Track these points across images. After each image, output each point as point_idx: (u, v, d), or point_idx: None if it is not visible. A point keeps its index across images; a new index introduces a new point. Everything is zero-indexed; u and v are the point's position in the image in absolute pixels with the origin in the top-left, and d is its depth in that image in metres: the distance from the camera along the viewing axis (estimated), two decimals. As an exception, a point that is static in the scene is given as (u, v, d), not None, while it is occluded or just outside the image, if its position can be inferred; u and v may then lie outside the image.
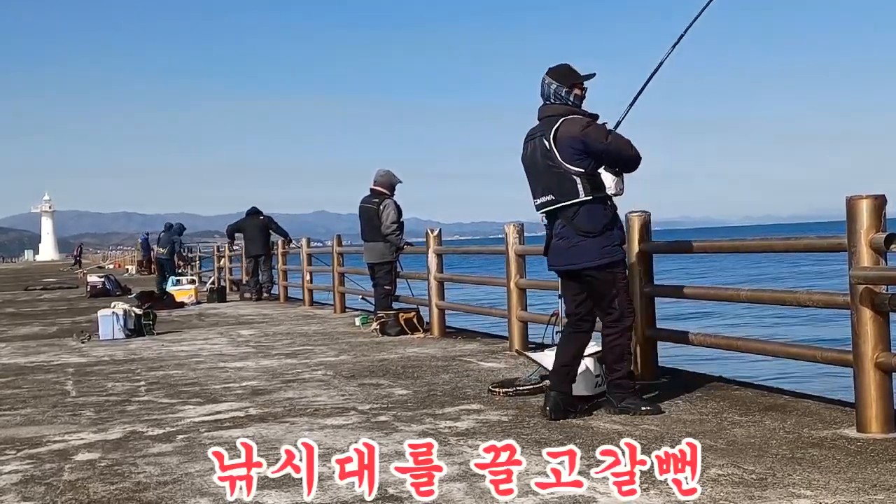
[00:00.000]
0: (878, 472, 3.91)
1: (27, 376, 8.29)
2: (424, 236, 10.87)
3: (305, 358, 8.84)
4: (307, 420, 5.61)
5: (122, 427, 5.63)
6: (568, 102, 5.34)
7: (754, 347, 6.08)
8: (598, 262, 5.25)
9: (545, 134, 5.26)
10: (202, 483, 4.18)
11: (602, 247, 5.24)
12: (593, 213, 5.22)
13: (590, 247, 5.23)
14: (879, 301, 4.60)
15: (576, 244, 5.26)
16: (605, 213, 5.27)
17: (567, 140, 5.18)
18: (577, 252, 5.27)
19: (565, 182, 5.21)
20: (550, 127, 5.25)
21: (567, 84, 5.35)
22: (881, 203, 4.64)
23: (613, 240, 5.30)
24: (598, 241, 5.23)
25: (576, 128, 5.20)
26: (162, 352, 9.96)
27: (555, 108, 5.33)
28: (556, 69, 5.40)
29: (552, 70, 5.39)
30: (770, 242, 5.90)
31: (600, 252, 5.24)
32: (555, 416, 5.25)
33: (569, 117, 5.25)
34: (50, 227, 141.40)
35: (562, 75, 5.37)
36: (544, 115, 5.38)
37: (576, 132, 5.18)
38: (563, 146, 5.18)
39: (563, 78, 5.36)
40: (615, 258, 5.31)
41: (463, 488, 3.89)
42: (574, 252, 5.28)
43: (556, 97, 5.34)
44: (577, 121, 5.24)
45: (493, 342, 9.64)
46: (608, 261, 5.27)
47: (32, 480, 4.38)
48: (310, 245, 17.68)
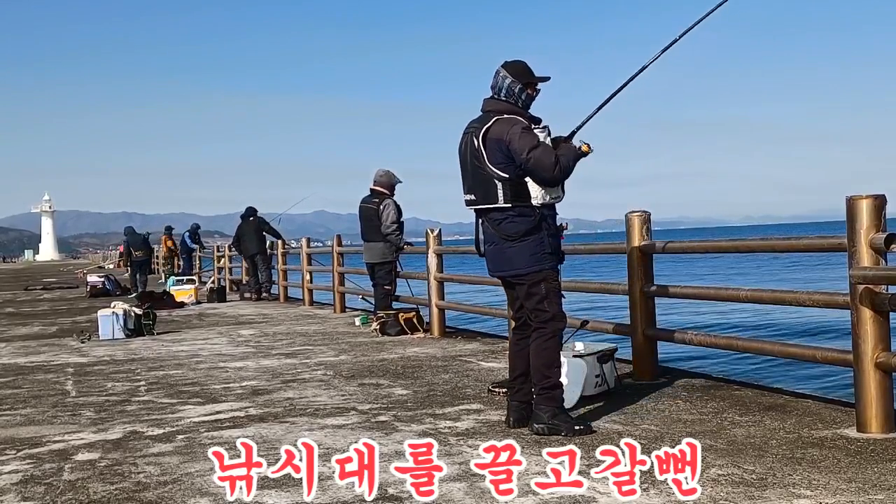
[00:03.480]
0: (878, 472, 3.91)
1: (27, 376, 8.29)
2: (424, 236, 10.88)
3: (305, 358, 8.84)
4: (307, 420, 5.61)
5: (122, 427, 5.63)
6: (517, 101, 5.11)
7: (754, 347, 6.08)
8: (527, 270, 5.07)
9: (476, 131, 5.04)
10: (202, 483, 4.18)
11: (531, 254, 5.04)
12: (516, 220, 5.02)
13: (518, 253, 5.05)
14: (879, 301, 4.60)
15: (504, 250, 5.10)
16: (527, 221, 5.03)
17: (494, 142, 4.97)
18: (506, 259, 5.10)
19: (488, 185, 5.01)
20: (483, 125, 5.03)
21: (522, 81, 5.11)
22: (881, 203, 4.64)
23: (544, 247, 5.07)
24: (526, 246, 5.03)
25: (505, 130, 4.96)
26: (162, 352, 9.96)
27: (498, 104, 5.10)
28: (514, 64, 5.16)
29: (509, 64, 5.16)
30: (771, 242, 5.90)
31: (529, 259, 5.05)
32: (517, 426, 5.10)
33: (503, 117, 5.02)
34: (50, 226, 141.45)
35: (519, 72, 5.13)
36: (485, 109, 5.16)
37: (503, 135, 4.94)
38: (490, 148, 4.99)
39: (519, 74, 5.12)
40: (543, 266, 5.08)
41: (463, 488, 3.89)
42: (503, 259, 5.12)
43: (508, 92, 5.11)
44: (510, 122, 4.99)
45: (493, 342, 9.64)
46: (537, 268, 5.06)
47: (32, 480, 4.38)
48: (309, 245, 17.71)
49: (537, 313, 5.12)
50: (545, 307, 5.10)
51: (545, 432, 4.92)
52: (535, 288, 5.09)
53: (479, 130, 5.05)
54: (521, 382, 5.23)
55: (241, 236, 19.00)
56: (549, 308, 5.10)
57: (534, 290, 5.10)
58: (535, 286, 5.09)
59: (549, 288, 5.10)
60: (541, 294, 5.09)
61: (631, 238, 6.63)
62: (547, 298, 5.10)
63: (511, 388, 5.29)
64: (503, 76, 5.13)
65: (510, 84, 5.10)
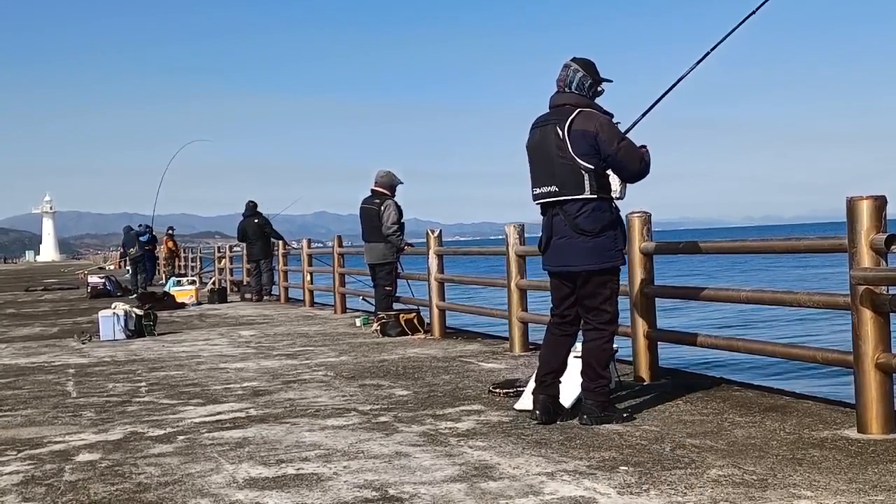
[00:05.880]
0: (878, 473, 3.91)
1: (28, 377, 8.29)
2: (425, 237, 10.88)
3: (306, 359, 8.85)
4: (308, 421, 5.61)
5: (123, 428, 5.63)
6: (588, 95, 5.16)
7: (755, 348, 6.08)
8: (599, 266, 5.10)
9: (560, 123, 5.05)
10: (203, 484, 4.18)
11: (606, 250, 5.08)
12: (596, 214, 5.06)
13: (591, 249, 5.07)
14: (880, 302, 4.60)
15: (576, 244, 5.09)
16: (607, 215, 5.11)
17: (580, 133, 4.99)
18: (578, 253, 5.10)
19: (573, 176, 5.02)
20: (566, 116, 5.03)
21: (593, 76, 5.18)
22: (881, 204, 4.64)
23: (617, 244, 5.14)
24: (599, 242, 5.07)
25: (591, 123, 4.99)
26: (162, 353, 9.96)
27: (573, 98, 5.12)
28: (584, 60, 5.22)
29: (579, 59, 5.21)
30: (772, 243, 5.90)
31: (602, 256, 5.09)
32: (545, 420, 5.15)
33: (586, 110, 5.05)
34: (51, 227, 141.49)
35: (590, 67, 5.19)
36: (560, 102, 5.14)
37: (591, 127, 4.99)
38: (576, 139, 4.99)
39: (591, 69, 5.19)
40: (614, 264, 5.17)
41: (463, 489, 3.89)
42: (574, 253, 5.11)
43: (580, 87, 5.14)
44: (594, 116, 5.04)
45: (493, 343, 9.64)
46: (610, 265, 5.14)
47: (33, 481, 4.38)
48: (310, 246, 17.71)
49: (599, 313, 5.20)
50: (608, 308, 5.20)
51: (598, 423, 5.06)
52: (601, 288, 5.16)
53: (562, 122, 5.05)
54: (552, 378, 5.27)
55: (245, 235, 19.02)
56: (611, 309, 5.21)
57: (600, 290, 5.17)
58: (602, 286, 5.16)
59: (614, 289, 5.22)
60: (605, 294, 5.18)
61: (631, 238, 6.63)
62: (610, 300, 5.20)
63: (542, 382, 5.27)
64: (574, 69, 5.18)
65: (581, 78, 5.17)
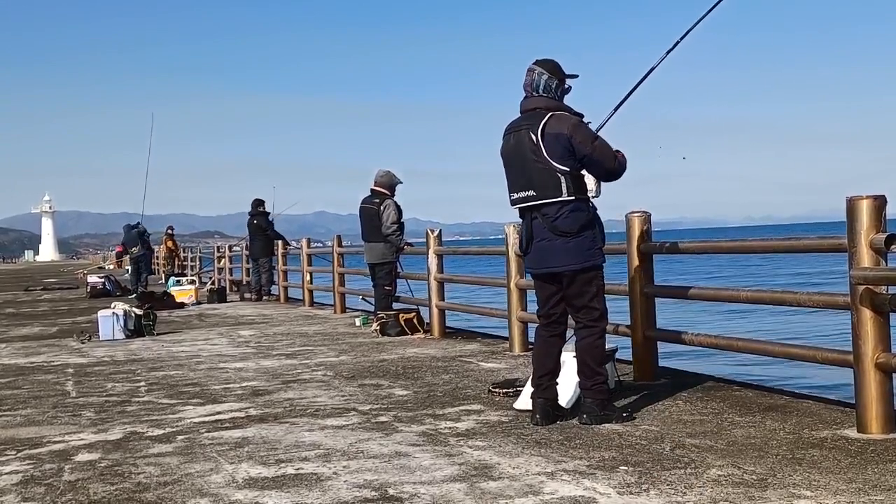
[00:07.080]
0: (878, 473, 3.91)
1: (27, 377, 8.29)
2: (425, 237, 10.87)
3: (305, 358, 8.84)
4: (307, 421, 5.61)
5: (123, 427, 5.63)
6: (555, 96, 5.20)
7: (754, 348, 6.07)
8: (580, 265, 5.13)
9: (532, 127, 5.10)
10: (202, 483, 4.18)
11: (585, 249, 5.12)
12: (574, 214, 5.09)
13: (572, 248, 5.10)
14: (879, 301, 4.60)
15: (556, 246, 5.13)
16: (585, 215, 5.13)
17: (554, 137, 5.03)
18: (558, 254, 5.13)
19: (550, 179, 5.05)
20: (538, 121, 5.06)
21: (558, 77, 5.22)
22: (881, 203, 4.64)
23: (596, 242, 5.17)
24: (579, 242, 5.10)
25: (564, 125, 5.02)
26: (162, 352, 9.96)
27: (542, 101, 5.17)
28: (547, 61, 5.26)
29: (542, 62, 5.25)
30: (771, 243, 5.90)
31: (583, 255, 5.12)
32: (544, 423, 5.15)
33: (557, 113, 5.11)
34: (50, 227, 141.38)
35: (554, 68, 5.24)
36: (531, 107, 5.18)
37: (564, 130, 5.03)
38: (550, 142, 5.03)
39: (555, 70, 5.23)
40: (596, 262, 5.19)
41: (463, 489, 3.88)
42: (555, 254, 5.14)
43: (547, 89, 5.19)
44: (566, 118, 5.08)
45: (493, 343, 9.64)
46: (591, 264, 5.16)
47: (32, 481, 4.38)
48: (310, 245, 17.72)
49: (588, 311, 5.23)
50: (595, 305, 5.22)
51: (598, 422, 5.08)
52: (587, 286, 5.20)
53: (535, 126, 5.08)
54: (548, 380, 5.28)
55: (249, 232, 19.15)
56: (599, 306, 5.24)
57: (586, 288, 5.20)
58: (588, 283, 5.20)
59: (599, 286, 5.25)
60: (591, 292, 5.21)
61: (631, 238, 6.63)
62: (597, 296, 5.23)
63: (538, 385, 5.29)
64: (539, 73, 5.21)
65: (547, 80, 5.20)
